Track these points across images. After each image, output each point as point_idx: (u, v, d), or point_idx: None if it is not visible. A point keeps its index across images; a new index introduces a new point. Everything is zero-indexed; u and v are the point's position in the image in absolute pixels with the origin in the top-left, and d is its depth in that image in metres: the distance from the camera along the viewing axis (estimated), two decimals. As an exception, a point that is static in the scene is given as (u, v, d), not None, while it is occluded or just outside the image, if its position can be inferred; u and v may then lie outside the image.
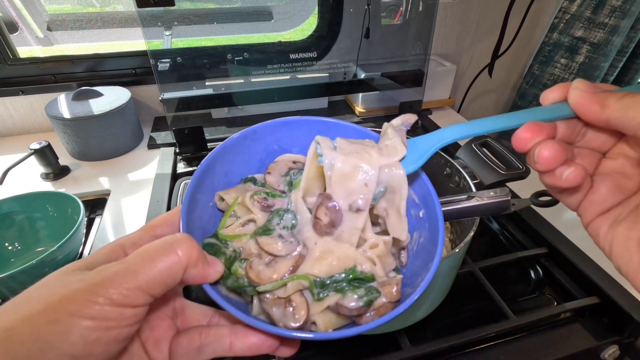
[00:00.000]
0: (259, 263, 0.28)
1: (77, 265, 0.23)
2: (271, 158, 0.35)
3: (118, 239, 0.26)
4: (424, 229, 0.30)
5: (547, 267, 0.63)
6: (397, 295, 0.27)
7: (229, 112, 1.04)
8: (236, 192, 0.32)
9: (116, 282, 0.21)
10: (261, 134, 0.33)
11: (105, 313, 0.20)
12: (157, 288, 0.22)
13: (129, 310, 0.21)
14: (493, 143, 0.63)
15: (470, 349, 0.50)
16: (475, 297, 0.59)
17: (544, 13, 1.15)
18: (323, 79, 0.93)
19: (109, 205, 0.74)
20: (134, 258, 0.22)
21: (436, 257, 0.26)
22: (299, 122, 0.34)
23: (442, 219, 0.28)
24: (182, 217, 0.27)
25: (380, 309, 0.26)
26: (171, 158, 0.86)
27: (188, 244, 0.23)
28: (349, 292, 0.26)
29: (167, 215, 0.28)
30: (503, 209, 0.48)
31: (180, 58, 0.80)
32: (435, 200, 0.29)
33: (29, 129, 0.98)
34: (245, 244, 0.29)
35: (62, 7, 1.06)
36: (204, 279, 0.25)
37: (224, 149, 0.32)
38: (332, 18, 0.94)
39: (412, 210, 0.32)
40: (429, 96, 1.09)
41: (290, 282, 0.27)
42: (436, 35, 1.11)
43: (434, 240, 0.28)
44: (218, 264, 0.26)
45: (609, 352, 0.51)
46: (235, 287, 0.27)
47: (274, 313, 0.26)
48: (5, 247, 0.62)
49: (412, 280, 0.28)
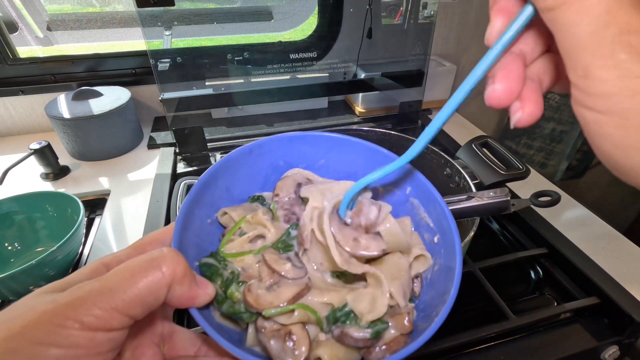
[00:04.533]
0: (259, 286, 0.25)
1: (52, 286, 0.20)
2: (277, 174, 0.33)
3: (102, 257, 0.23)
4: (439, 255, 0.28)
5: (547, 267, 0.63)
6: (410, 327, 0.24)
7: (229, 112, 1.04)
8: (243, 210, 0.30)
9: (88, 301, 0.18)
10: (267, 148, 0.31)
11: (73, 339, 0.17)
12: (136, 308, 0.19)
13: (101, 335, 0.18)
14: (493, 143, 0.63)
15: (470, 349, 0.50)
16: (475, 297, 0.58)
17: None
18: (323, 79, 0.93)
19: (109, 205, 0.74)
20: (112, 275, 0.20)
21: (453, 289, 0.24)
22: (306, 138, 0.32)
23: (459, 245, 0.26)
24: (175, 232, 0.24)
25: (392, 343, 0.24)
26: (171, 158, 0.86)
27: (174, 259, 0.21)
28: (354, 320, 0.24)
29: (160, 232, 0.25)
30: (503, 209, 0.47)
31: (180, 58, 0.80)
32: (452, 225, 0.27)
33: (28, 129, 0.98)
34: (247, 263, 0.27)
35: (62, 7, 1.06)
36: (191, 300, 0.22)
37: (227, 162, 0.29)
38: (332, 18, 0.94)
39: (426, 235, 0.29)
40: (429, 96, 1.09)
41: (298, 310, 0.24)
42: (436, 35, 1.11)
43: (450, 269, 0.25)
44: (209, 286, 0.23)
45: (609, 353, 0.51)
46: (231, 313, 0.24)
47: (272, 346, 0.23)
48: (5, 247, 0.62)
49: (427, 312, 0.25)
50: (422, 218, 0.30)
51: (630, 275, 0.58)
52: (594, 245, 0.63)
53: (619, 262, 0.61)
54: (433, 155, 0.63)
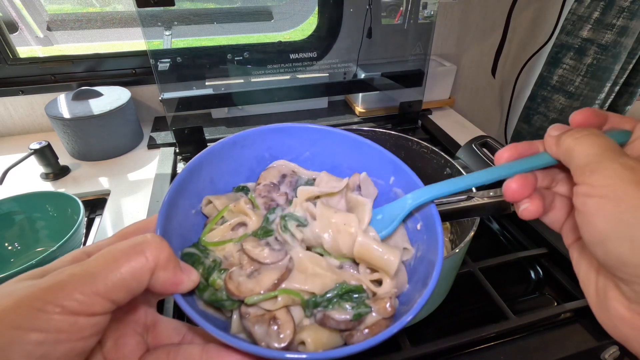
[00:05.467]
0: (240, 274, 0.25)
1: (32, 273, 0.20)
2: (262, 166, 0.33)
3: (85, 246, 0.23)
4: (421, 242, 0.29)
5: (547, 267, 0.63)
6: (391, 311, 0.25)
7: (229, 112, 1.04)
8: (227, 199, 0.30)
9: (70, 285, 0.18)
10: (252, 139, 0.31)
11: (54, 323, 0.17)
12: (118, 293, 0.19)
13: (83, 320, 0.18)
14: (493, 143, 0.63)
15: (470, 349, 0.50)
16: (475, 297, 0.58)
17: (547, 13, 1.15)
18: (323, 79, 0.93)
19: (109, 205, 0.74)
20: (94, 259, 0.19)
21: (435, 272, 0.25)
22: (291, 130, 0.32)
23: (441, 231, 0.27)
24: (159, 221, 0.24)
25: (374, 327, 0.24)
26: (171, 158, 0.86)
27: (157, 245, 0.21)
28: (337, 305, 0.25)
29: (144, 222, 0.25)
30: (503, 209, 0.48)
31: (180, 58, 0.80)
32: (434, 212, 0.28)
33: (28, 129, 0.98)
34: (229, 251, 0.27)
35: (62, 7, 1.06)
36: (175, 286, 0.22)
37: (211, 153, 0.29)
38: (332, 18, 0.94)
39: (410, 223, 0.30)
40: (429, 96, 1.09)
41: (281, 295, 0.24)
42: (436, 35, 1.11)
43: (432, 255, 0.26)
44: (193, 272, 0.23)
45: (609, 353, 0.51)
46: (213, 300, 0.25)
47: (256, 331, 0.23)
48: (5, 247, 0.62)
49: (410, 298, 0.26)
50: None
51: (630, 275, 0.58)
52: (594, 245, 0.63)
53: (619, 262, 0.60)
54: (433, 155, 0.63)
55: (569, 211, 0.28)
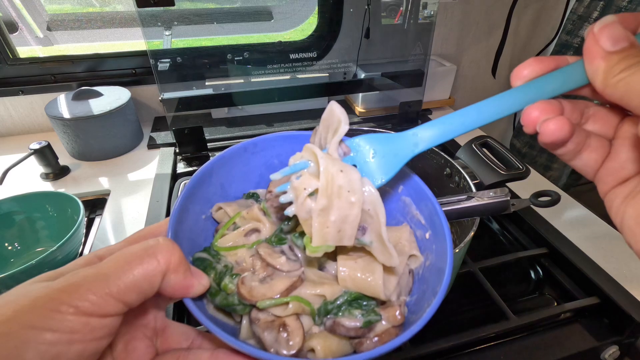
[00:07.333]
0: (252, 279, 0.25)
1: (46, 275, 0.20)
2: (271, 173, 0.32)
3: (96, 250, 0.23)
4: (430, 251, 0.28)
5: (547, 267, 0.63)
6: (401, 319, 0.25)
7: (229, 112, 1.04)
8: (238, 206, 0.30)
9: (83, 287, 0.18)
10: (262, 147, 0.32)
11: (68, 323, 0.17)
12: (130, 295, 0.19)
13: (96, 321, 0.18)
14: (493, 143, 0.63)
15: (470, 349, 0.50)
16: (475, 297, 0.58)
17: (547, 13, 1.15)
18: (323, 79, 0.93)
19: (109, 205, 0.74)
20: (107, 262, 0.20)
21: (444, 282, 0.24)
22: (300, 137, 0.32)
23: (450, 241, 0.26)
24: (170, 225, 0.25)
25: (383, 335, 0.24)
26: (171, 158, 0.86)
27: (169, 248, 0.21)
28: (346, 312, 0.25)
29: (155, 227, 0.25)
30: (503, 209, 0.48)
31: (180, 58, 0.80)
32: (443, 221, 0.27)
33: (28, 129, 0.98)
34: (241, 257, 0.27)
35: (62, 7, 1.06)
36: (186, 290, 0.22)
37: (222, 159, 0.30)
38: (332, 18, 0.94)
39: (419, 232, 0.30)
40: (429, 96, 1.09)
41: (292, 302, 0.24)
42: (436, 35, 1.11)
43: (441, 264, 0.26)
44: (203, 277, 0.24)
45: (609, 353, 0.51)
46: (224, 305, 0.25)
47: (266, 337, 0.23)
48: (5, 247, 0.62)
49: (419, 307, 0.26)
50: (414, 215, 0.30)
51: (630, 275, 0.58)
52: (594, 245, 0.63)
53: (619, 262, 0.61)
54: (433, 155, 0.63)
55: (606, 152, 0.24)
